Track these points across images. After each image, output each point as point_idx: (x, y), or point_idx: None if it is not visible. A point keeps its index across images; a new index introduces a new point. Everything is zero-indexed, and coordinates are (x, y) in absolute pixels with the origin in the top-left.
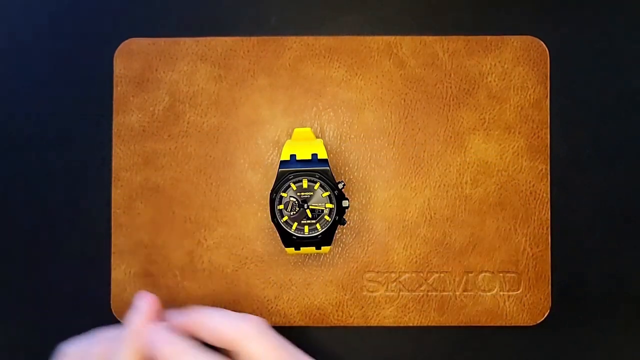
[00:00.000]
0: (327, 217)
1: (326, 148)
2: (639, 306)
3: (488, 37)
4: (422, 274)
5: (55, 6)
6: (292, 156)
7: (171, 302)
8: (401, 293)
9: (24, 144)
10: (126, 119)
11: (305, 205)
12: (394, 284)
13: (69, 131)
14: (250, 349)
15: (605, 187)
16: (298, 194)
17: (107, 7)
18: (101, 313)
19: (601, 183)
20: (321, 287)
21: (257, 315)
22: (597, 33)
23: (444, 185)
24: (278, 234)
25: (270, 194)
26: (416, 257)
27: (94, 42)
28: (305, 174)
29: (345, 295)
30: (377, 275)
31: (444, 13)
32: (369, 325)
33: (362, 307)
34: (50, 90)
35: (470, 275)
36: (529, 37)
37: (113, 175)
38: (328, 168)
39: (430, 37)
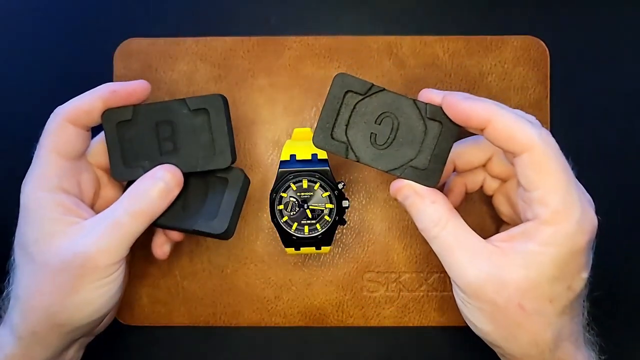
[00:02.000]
0: (327, 217)
1: None
2: (639, 306)
3: (488, 37)
4: (422, 274)
5: (55, 6)
6: (292, 156)
7: (171, 302)
8: (401, 293)
9: (24, 143)
10: None
11: (305, 206)
12: (394, 284)
13: None
14: (540, 158)
15: (605, 187)
16: (298, 194)
17: (107, 7)
18: None
19: (601, 183)
20: (321, 287)
21: (257, 315)
22: (597, 33)
23: None
24: (278, 234)
25: (270, 194)
26: (416, 257)
27: (94, 42)
28: (305, 174)
29: (345, 295)
30: (377, 275)
31: (444, 13)
32: (369, 325)
33: (362, 307)
34: (50, 90)
35: None
36: (529, 37)
37: None
38: (328, 168)
39: (430, 37)
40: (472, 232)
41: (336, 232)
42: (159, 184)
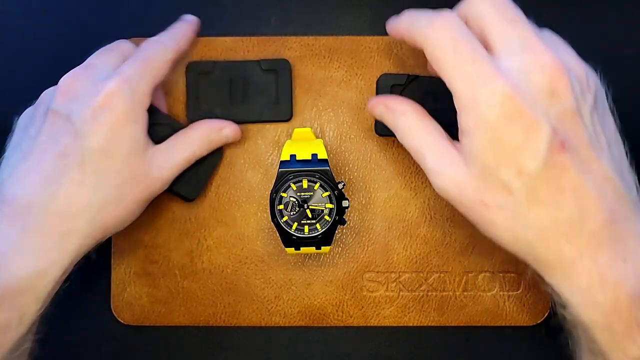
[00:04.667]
0: (327, 217)
1: (326, 148)
2: None
3: None
4: (422, 274)
5: (55, 6)
6: (292, 156)
7: (171, 302)
8: (401, 293)
9: None
10: None
11: (305, 205)
12: (394, 284)
13: None
14: (474, 11)
15: None
16: (298, 194)
17: (107, 7)
18: (101, 313)
19: None
20: (321, 287)
21: (257, 315)
22: (597, 33)
23: None
24: (278, 234)
25: (270, 194)
26: (416, 257)
27: (94, 42)
28: (305, 174)
29: (345, 295)
30: (377, 275)
31: None
32: (369, 325)
33: (362, 307)
34: None
35: (470, 275)
36: None
37: None
38: (328, 168)
39: None
40: (440, 136)
41: (336, 232)
42: (221, 139)
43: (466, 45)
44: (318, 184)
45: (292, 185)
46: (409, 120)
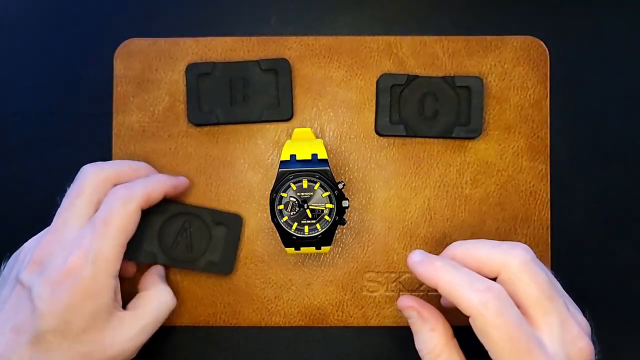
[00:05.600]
0: (327, 217)
1: (326, 148)
2: (639, 306)
3: (488, 37)
4: None
5: (55, 6)
6: (292, 156)
7: None
8: (401, 293)
9: (24, 144)
10: (126, 119)
11: (305, 206)
12: (394, 284)
13: (69, 131)
14: (514, 280)
15: (605, 187)
16: (298, 194)
17: (107, 7)
18: None
19: (601, 183)
20: (321, 287)
21: (257, 315)
22: (597, 33)
23: (444, 185)
24: (278, 234)
25: (270, 194)
26: None
27: (94, 42)
28: (305, 174)
29: (345, 295)
30: (377, 275)
31: (444, 13)
32: (369, 325)
33: (362, 307)
34: (50, 90)
35: None
36: (529, 37)
37: None
38: (328, 168)
39: (430, 37)
40: None
41: (336, 232)
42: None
43: (522, 336)
44: (318, 184)
45: (292, 185)
46: (437, 339)
